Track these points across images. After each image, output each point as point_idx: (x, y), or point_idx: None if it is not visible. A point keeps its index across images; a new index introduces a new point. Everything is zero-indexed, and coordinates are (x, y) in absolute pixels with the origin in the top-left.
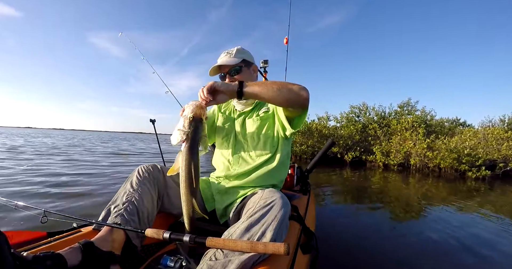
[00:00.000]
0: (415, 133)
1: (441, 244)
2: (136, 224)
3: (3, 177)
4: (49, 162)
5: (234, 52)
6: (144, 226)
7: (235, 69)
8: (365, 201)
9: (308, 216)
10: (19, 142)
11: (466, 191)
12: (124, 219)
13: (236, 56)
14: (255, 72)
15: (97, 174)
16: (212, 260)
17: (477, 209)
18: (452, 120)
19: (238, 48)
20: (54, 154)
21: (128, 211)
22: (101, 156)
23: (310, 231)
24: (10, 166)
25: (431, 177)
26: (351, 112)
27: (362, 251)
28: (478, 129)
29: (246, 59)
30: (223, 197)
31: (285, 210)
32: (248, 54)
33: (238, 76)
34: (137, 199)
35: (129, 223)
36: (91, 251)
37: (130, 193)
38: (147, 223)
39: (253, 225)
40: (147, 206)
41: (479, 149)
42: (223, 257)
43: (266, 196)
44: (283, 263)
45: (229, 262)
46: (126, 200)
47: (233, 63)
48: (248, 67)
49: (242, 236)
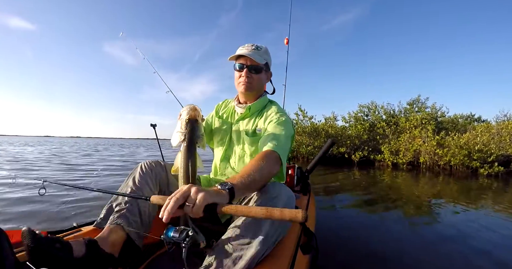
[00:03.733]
0: (425, 130)
1: (447, 245)
2: (138, 224)
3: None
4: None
5: (263, 50)
6: (145, 225)
7: (258, 68)
8: (370, 201)
9: (308, 216)
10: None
11: (477, 189)
12: (126, 220)
13: (263, 55)
14: (269, 79)
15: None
16: (221, 256)
17: (489, 208)
18: (467, 116)
19: (266, 47)
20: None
21: (130, 210)
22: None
23: (310, 231)
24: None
25: (442, 175)
26: (360, 111)
27: (362, 251)
28: (492, 124)
29: (268, 63)
30: None
31: (291, 202)
32: (271, 59)
33: (256, 76)
34: (138, 200)
35: (131, 225)
36: (95, 249)
37: (132, 191)
38: (148, 222)
39: (259, 218)
40: (148, 206)
41: (491, 145)
42: (232, 250)
43: (271, 189)
44: (283, 263)
45: (239, 259)
46: (128, 199)
47: (260, 62)
48: (267, 72)
49: (248, 229)
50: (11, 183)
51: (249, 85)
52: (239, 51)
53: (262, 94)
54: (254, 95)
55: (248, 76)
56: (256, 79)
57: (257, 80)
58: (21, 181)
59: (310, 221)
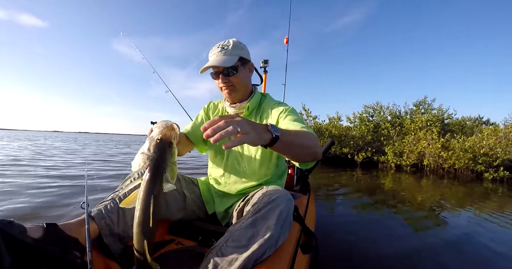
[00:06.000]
0: (430, 132)
1: (447, 248)
2: (114, 222)
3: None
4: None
5: (230, 47)
6: (125, 226)
7: (233, 69)
8: (371, 202)
9: (308, 216)
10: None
11: (481, 193)
12: (99, 214)
13: (232, 53)
14: (251, 71)
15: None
16: (218, 256)
17: (492, 214)
18: (474, 119)
19: (234, 41)
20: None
21: (107, 208)
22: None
23: (310, 231)
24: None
25: (446, 178)
26: (365, 112)
27: (362, 252)
28: (500, 127)
29: (243, 56)
30: (222, 200)
31: (289, 207)
32: (246, 50)
33: (234, 78)
34: (121, 198)
35: (104, 219)
36: (53, 231)
37: (117, 193)
38: (131, 224)
39: (258, 220)
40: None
41: (498, 149)
42: (229, 252)
43: (270, 192)
44: (283, 262)
45: (235, 260)
46: (111, 197)
47: (230, 65)
48: (245, 66)
49: (247, 230)
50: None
51: (232, 88)
52: (209, 58)
53: (252, 90)
54: (243, 94)
55: (226, 82)
56: (235, 80)
57: (237, 80)
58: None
59: (310, 221)
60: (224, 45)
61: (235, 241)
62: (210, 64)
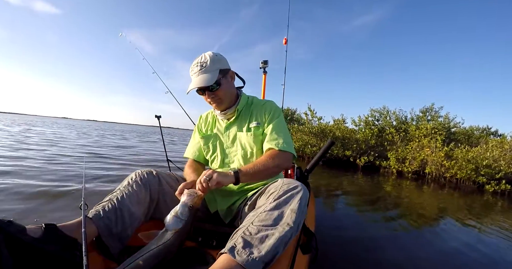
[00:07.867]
0: (434, 140)
1: (444, 255)
2: (112, 222)
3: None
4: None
5: (209, 63)
6: (124, 226)
7: (215, 84)
8: (371, 205)
9: (308, 216)
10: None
11: (482, 205)
12: (98, 215)
13: (211, 69)
14: (233, 78)
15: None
16: (246, 235)
17: (491, 227)
18: (482, 129)
19: (210, 56)
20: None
21: (105, 208)
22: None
23: (310, 231)
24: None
25: (447, 187)
26: (371, 115)
27: (362, 252)
28: (508, 139)
29: (222, 68)
30: (225, 198)
31: (307, 196)
32: (223, 61)
33: (219, 91)
34: (119, 199)
35: (103, 220)
36: (52, 231)
37: (115, 194)
38: (130, 224)
39: (282, 204)
40: (130, 206)
41: (501, 161)
42: (257, 231)
43: (288, 182)
44: (283, 262)
45: (266, 238)
46: (108, 198)
47: (212, 83)
48: (226, 76)
49: (272, 212)
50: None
51: (219, 101)
52: (191, 76)
53: (238, 93)
54: (230, 101)
55: (212, 96)
56: (221, 93)
57: (222, 93)
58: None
59: (310, 221)
60: (202, 63)
61: (262, 221)
62: (194, 86)
